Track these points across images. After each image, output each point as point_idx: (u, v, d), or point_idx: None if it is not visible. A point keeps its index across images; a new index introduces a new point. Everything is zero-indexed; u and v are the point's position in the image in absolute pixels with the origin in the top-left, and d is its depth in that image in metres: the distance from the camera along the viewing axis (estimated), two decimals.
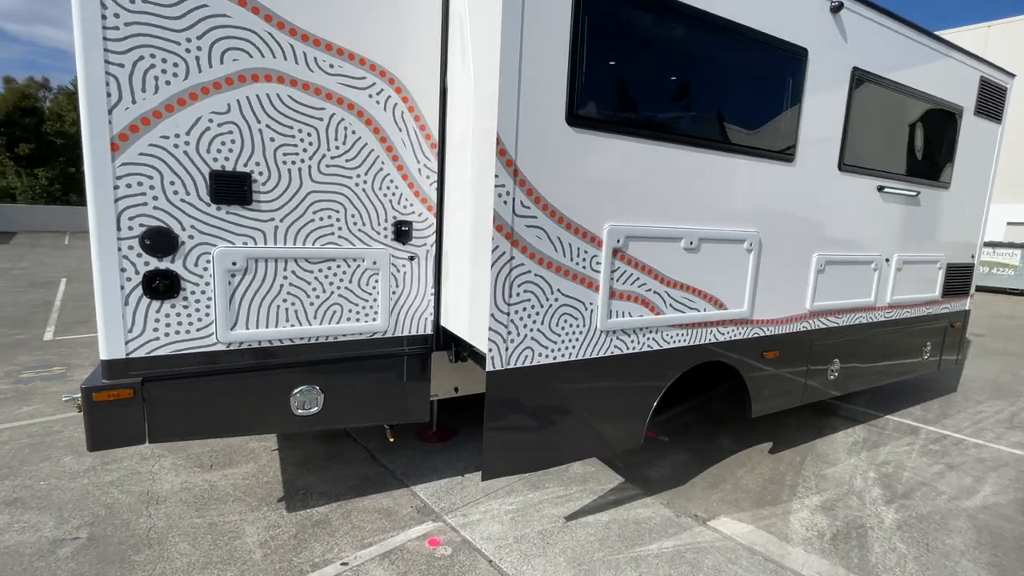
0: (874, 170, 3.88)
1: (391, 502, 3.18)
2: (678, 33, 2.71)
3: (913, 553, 2.93)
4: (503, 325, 2.41)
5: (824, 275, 3.71)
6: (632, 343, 2.86)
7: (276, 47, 2.39)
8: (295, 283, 2.61)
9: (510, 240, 2.35)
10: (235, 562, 2.58)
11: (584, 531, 2.97)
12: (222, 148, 2.35)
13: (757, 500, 3.41)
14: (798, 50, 3.18)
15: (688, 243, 2.93)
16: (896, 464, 4.01)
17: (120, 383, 2.30)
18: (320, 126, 2.54)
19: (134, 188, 2.23)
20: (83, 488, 3.16)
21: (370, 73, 2.62)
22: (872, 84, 3.68)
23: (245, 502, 3.10)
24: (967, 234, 4.93)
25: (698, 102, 2.90)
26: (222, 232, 2.41)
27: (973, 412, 5.21)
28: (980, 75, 4.53)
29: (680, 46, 2.75)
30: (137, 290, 2.29)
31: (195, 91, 2.27)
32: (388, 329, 2.89)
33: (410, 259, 2.89)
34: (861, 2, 3.45)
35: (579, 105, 2.43)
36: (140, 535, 2.75)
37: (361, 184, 2.69)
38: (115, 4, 2.08)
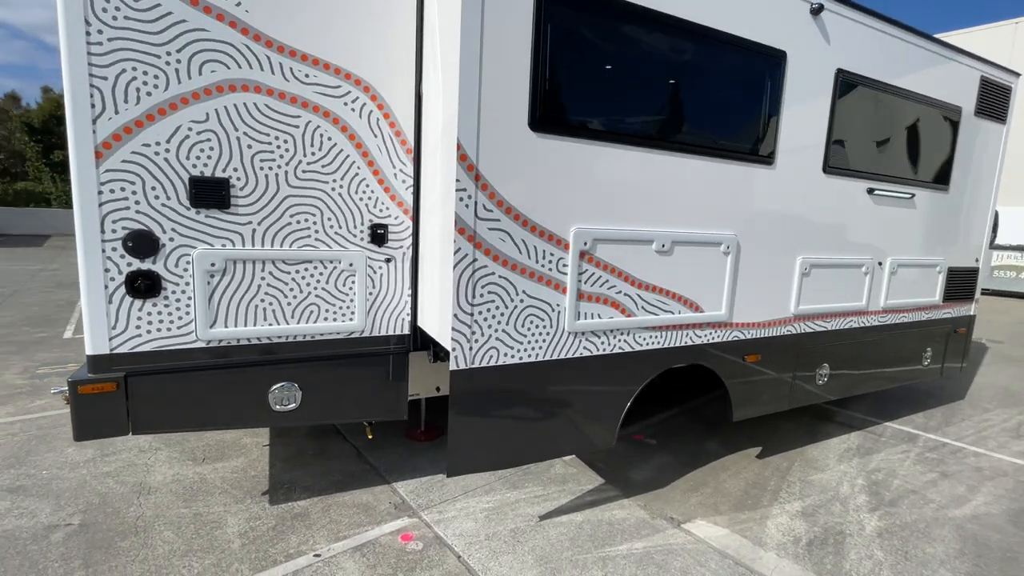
0: (864, 172, 3.83)
1: (371, 498, 3.26)
2: (644, 38, 2.75)
3: (890, 561, 2.88)
4: (467, 325, 2.47)
5: (809, 278, 3.67)
6: (603, 345, 2.89)
7: (253, 59, 2.51)
8: (273, 283, 2.72)
9: (472, 242, 2.42)
10: (214, 551, 2.69)
11: (556, 530, 3.01)
12: (201, 155, 2.48)
13: (736, 504, 3.39)
14: (775, 53, 3.17)
15: (660, 246, 2.95)
16: (887, 471, 3.93)
17: (104, 377, 2.43)
18: (296, 133, 2.65)
19: (117, 193, 2.36)
20: (81, 478, 3.33)
21: (345, 82, 2.72)
22: (859, 86, 3.64)
23: (231, 494, 3.22)
24: (970, 237, 4.81)
25: (667, 106, 2.93)
26: (201, 235, 2.53)
27: (978, 420, 5.06)
28: (980, 75, 4.43)
29: (647, 51, 2.78)
30: (120, 289, 2.42)
31: (175, 101, 2.40)
32: (365, 329, 2.97)
33: (387, 261, 2.98)
34: (844, 3, 3.43)
35: (543, 110, 2.48)
36: (129, 523, 2.89)
37: (337, 188, 2.78)
38: (98, 21, 2.22)
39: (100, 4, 2.22)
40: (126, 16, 2.25)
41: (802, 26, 3.27)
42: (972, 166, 4.59)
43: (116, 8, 2.23)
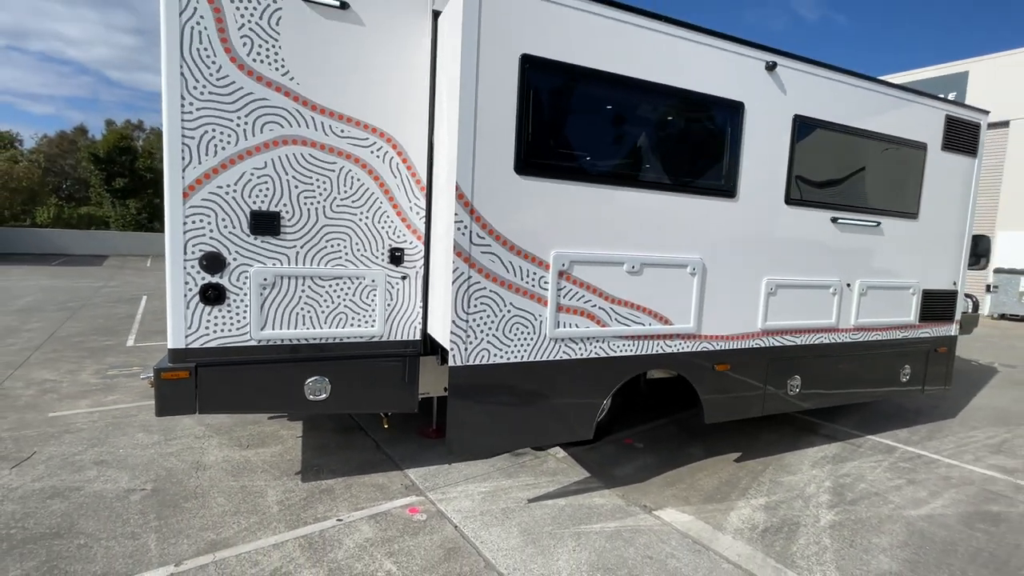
0: (827, 203, 4.29)
1: (385, 480, 3.83)
2: (613, 96, 3.35)
3: (835, 547, 3.25)
4: (463, 330, 3.06)
5: (776, 297, 4.12)
6: (580, 350, 3.42)
7: (301, 119, 3.22)
8: (311, 295, 3.37)
9: (468, 263, 3.02)
10: (256, 513, 3.30)
11: (541, 511, 3.50)
12: (259, 194, 3.18)
13: (707, 498, 3.81)
14: (734, 104, 3.72)
15: (631, 267, 3.49)
16: (856, 477, 4.26)
17: (180, 366, 3.11)
18: (332, 176, 3.34)
19: (197, 223, 3.07)
20: (150, 456, 4.02)
21: (372, 135, 3.40)
22: (818, 128, 4.14)
23: (271, 473, 3.84)
24: (944, 262, 5.13)
25: (634, 150, 3.50)
26: (258, 255, 3.22)
27: (962, 437, 5.28)
28: (945, 114, 4.84)
29: (616, 106, 3.38)
30: (196, 298, 3.11)
31: (242, 153, 3.12)
32: (384, 334, 3.59)
33: (403, 278, 3.61)
34: (798, 59, 3.96)
35: (526, 157, 3.10)
36: (190, 490, 3.54)
37: (364, 219, 3.45)
38: (191, 95, 2.97)
39: (191, 83, 2.97)
40: (210, 92, 3.00)
41: (758, 80, 3.81)
42: (942, 196, 4.96)
43: (204, 87, 2.98)
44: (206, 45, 2.97)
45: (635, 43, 3.33)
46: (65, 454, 4.00)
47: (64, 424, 4.58)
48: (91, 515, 3.19)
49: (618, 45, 3.27)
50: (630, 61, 3.31)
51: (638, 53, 3.34)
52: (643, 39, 3.34)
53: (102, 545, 2.91)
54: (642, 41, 3.34)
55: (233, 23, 3.02)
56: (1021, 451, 4.95)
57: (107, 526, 3.08)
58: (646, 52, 3.36)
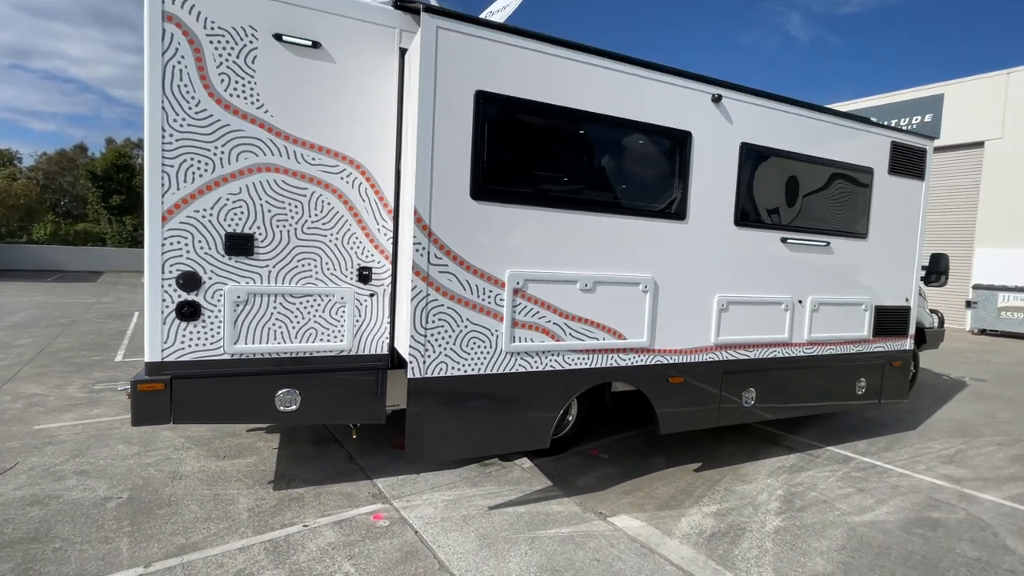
0: (776, 224, 4.55)
1: (354, 489, 4.00)
2: (564, 127, 3.62)
3: (776, 550, 3.43)
4: (421, 344, 3.27)
5: (728, 313, 4.35)
6: (535, 363, 3.63)
7: (275, 148, 3.47)
8: (282, 311, 3.59)
9: (426, 282, 3.25)
10: (226, 519, 3.47)
11: (500, 517, 3.67)
12: (234, 217, 3.42)
13: (661, 505, 3.98)
14: (682, 133, 4.00)
15: (584, 285, 3.72)
16: (809, 485, 4.44)
17: (156, 379, 3.31)
18: (304, 200, 3.58)
19: (175, 245, 3.30)
20: (129, 466, 4.19)
21: (342, 162, 3.66)
22: (764, 155, 4.42)
23: (244, 482, 4.01)
24: (895, 280, 5.38)
25: (585, 177, 3.77)
26: (232, 274, 3.44)
27: (919, 448, 5.47)
28: (891, 140, 5.14)
29: (567, 137, 3.65)
30: (172, 314, 3.33)
31: (218, 180, 3.36)
32: (352, 348, 3.80)
33: (371, 295, 3.83)
34: (745, 91, 4.25)
35: (481, 184, 3.35)
36: (164, 498, 3.70)
37: (333, 240, 3.68)
38: (171, 127, 3.22)
39: (172, 116, 3.22)
40: (189, 124, 3.25)
41: (705, 111, 4.10)
42: (891, 217, 5.23)
43: (183, 119, 3.23)
44: (186, 82, 3.24)
45: (584, 79, 3.61)
46: (47, 464, 4.16)
47: (48, 436, 4.74)
48: (68, 521, 3.35)
49: (568, 81, 3.55)
50: (580, 95, 3.59)
51: (587, 88, 3.62)
52: (592, 75, 3.62)
53: (76, 548, 3.07)
54: (591, 77, 3.63)
55: (212, 62, 3.29)
56: (973, 461, 5.14)
57: (82, 531, 3.25)
58: (595, 87, 3.65)
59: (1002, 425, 6.39)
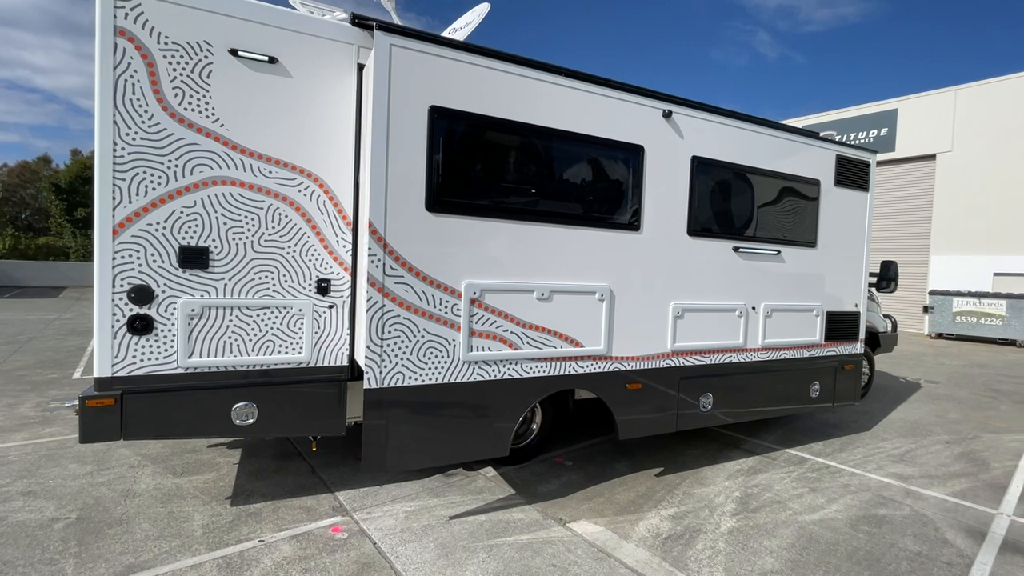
0: (727, 234, 4.73)
1: (315, 502, 3.97)
2: (517, 141, 3.72)
3: (728, 550, 3.52)
4: (377, 355, 3.30)
5: (683, 320, 4.48)
6: (493, 372, 3.69)
7: (231, 161, 3.49)
8: (239, 324, 3.57)
9: (382, 293, 3.29)
10: (179, 536, 3.41)
11: (460, 527, 3.69)
12: (189, 230, 3.41)
13: (620, 510, 4.05)
14: (635, 147, 4.15)
15: (540, 294, 3.81)
16: (764, 487, 4.57)
17: (106, 394, 3.25)
18: (261, 213, 3.59)
19: (126, 259, 3.27)
20: (80, 486, 4.07)
21: (299, 175, 3.68)
22: (716, 168, 4.60)
23: (200, 499, 3.94)
24: (844, 286, 5.62)
25: (540, 189, 3.87)
26: (186, 287, 3.42)
27: (871, 448, 5.68)
28: (836, 154, 5.40)
29: (521, 150, 3.76)
30: (123, 328, 3.29)
31: (172, 193, 3.36)
32: (311, 360, 3.79)
33: (330, 307, 3.84)
34: (695, 106, 4.44)
35: (435, 197, 3.42)
36: (116, 517, 3.62)
37: (291, 252, 3.69)
38: (123, 141, 3.21)
39: (124, 130, 3.21)
40: (142, 138, 3.25)
41: (657, 126, 4.26)
42: (839, 227, 5.48)
43: (136, 133, 3.23)
44: (139, 96, 3.24)
45: (537, 94, 3.73)
46: None
47: None
48: (11, 544, 3.25)
49: (521, 96, 3.67)
50: (532, 110, 3.71)
51: (540, 103, 3.74)
52: (543, 90, 3.75)
53: (19, 572, 2.98)
54: (543, 92, 3.75)
55: (165, 75, 3.30)
56: (921, 460, 5.36)
57: (26, 553, 3.15)
58: (547, 102, 3.77)
59: (951, 424, 6.67)
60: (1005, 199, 15.55)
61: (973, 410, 7.44)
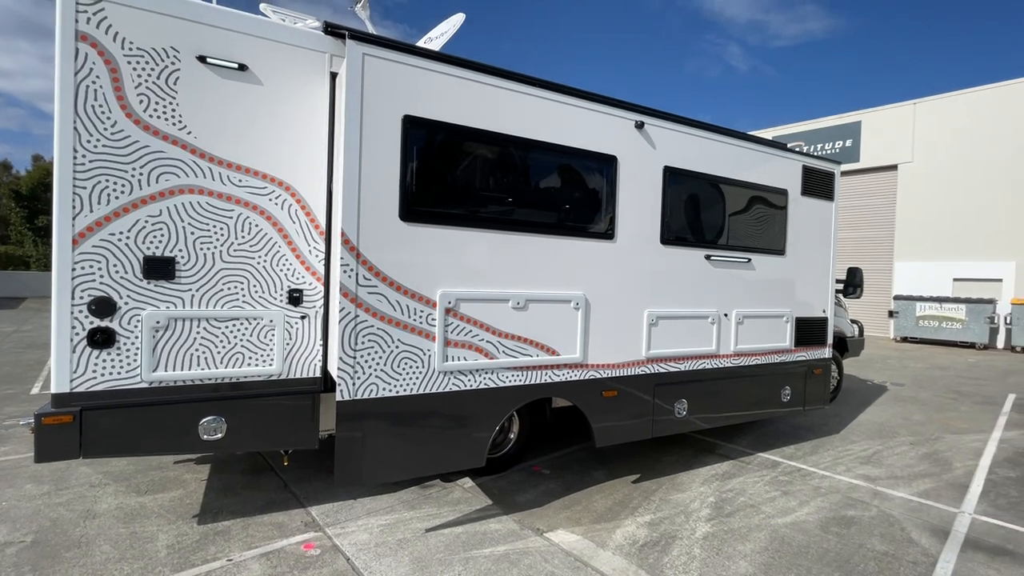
0: (700, 242, 4.82)
1: (286, 518, 3.87)
2: (491, 151, 3.74)
3: (703, 556, 3.56)
4: (350, 366, 3.25)
5: (657, 328, 4.54)
6: (469, 381, 3.67)
7: (198, 169, 3.41)
8: (206, 336, 3.48)
9: (355, 303, 3.24)
10: (143, 558, 3.28)
11: (436, 539, 3.64)
12: (154, 240, 3.31)
13: (598, 518, 4.06)
14: (607, 157, 4.21)
15: (516, 303, 3.81)
16: (738, 491, 4.64)
17: (64, 411, 3.12)
18: (230, 223, 3.51)
19: (87, 270, 3.16)
20: (36, 507, 3.89)
21: (270, 184, 3.62)
22: (687, 177, 4.69)
23: (165, 518, 3.80)
24: (812, 293, 5.79)
25: (514, 198, 3.89)
26: (150, 299, 3.32)
27: (840, 450, 5.82)
28: (802, 164, 5.57)
29: (495, 160, 3.77)
30: (83, 342, 3.16)
31: (136, 202, 3.26)
32: (282, 372, 3.71)
33: (302, 318, 3.77)
34: (666, 117, 4.53)
35: (409, 206, 3.40)
36: (74, 539, 3.46)
37: (262, 263, 3.62)
38: (83, 148, 3.11)
39: (85, 137, 3.12)
40: (104, 145, 3.15)
41: (629, 136, 4.33)
42: (806, 235, 5.64)
43: (97, 140, 3.13)
44: (101, 102, 3.15)
45: (510, 104, 3.76)
46: None
47: None
48: None
49: (494, 106, 3.69)
50: (506, 120, 3.73)
51: (513, 113, 3.77)
52: (517, 101, 3.78)
53: None
54: (517, 102, 3.78)
55: (130, 82, 3.21)
56: (887, 461, 5.52)
57: None
58: (521, 112, 3.80)
59: (916, 426, 6.89)
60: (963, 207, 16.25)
61: (936, 411, 7.70)
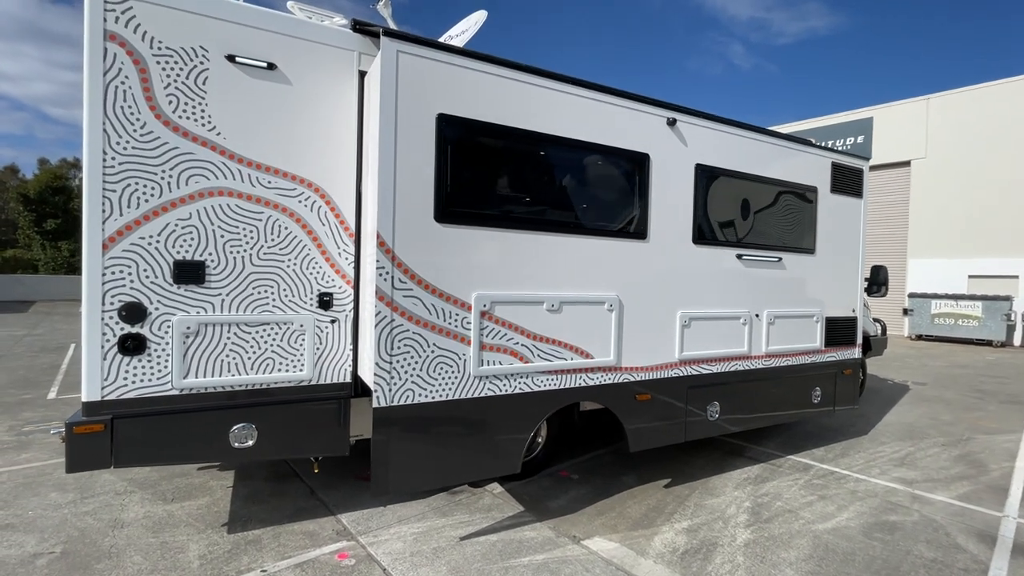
0: (731, 241, 4.72)
1: (317, 527, 3.79)
2: (526, 150, 3.65)
3: (747, 564, 3.46)
4: (386, 371, 3.17)
5: (690, 329, 4.44)
6: (504, 386, 3.58)
7: (228, 172, 3.33)
8: (236, 342, 3.40)
9: (390, 307, 3.16)
10: (176, 569, 3.20)
11: (472, 548, 3.55)
12: (184, 244, 3.24)
13: (634, 524, 3.96)
14: (640, 155, 4.11)
15: (550, 305, 3.72)
16: (774, 495, 4.54)
17: (95, 419, 3.05)
18: (260, 225, 3.44)
19: (117, 274, 3.09)
20: (63, 516, 3.82)
21: (299, 185, 3.54)
22: (719, 176, 4.59)
23: (195, 527, 3.73)
24: (842, 292, 5.67)
25: (549, 198, 3.80)
26: (181, 304, 3.25)
27: (872, 452, 5.71)
28: (831, 161, 5.46)
29: (529, 159, 3.68)
30: (114, 349, 3.09)
31: (166, 205, 3.19)
32: (313, 378, 3.64)
33: (332, 322, 3.69)
34: (697, 114, 4.43)
35: (444, 207, 3.31)
36: (104, 550, 3.39)
37: (292, 266, 3.54)
38: (112, 151, 3.04)
39: (114, 139, 3.04)
40: (134, 147, 3.08)
41: (661, 134, 4.23)
42: (835, 233, 5.53)
43: (127, 142, 3.06)
44: (130, 103, 3.08)
45: (544, 102, 3.66)
46: None
47: None
48: None
49: (528, 104, 3.60)
50: (540, 118, 3.64)
51: (547, 111, 3.68)
52: (551, 99, 3.69)
53: None
54: (550, 100, 3.69)
55: (159, 82, 3.14)
56: (922, 463, 5.40)
57: None
58: (555, 110, 3.71)
59: (944, 427, 6.76)
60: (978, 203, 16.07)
61: (963, 411, 7.57)
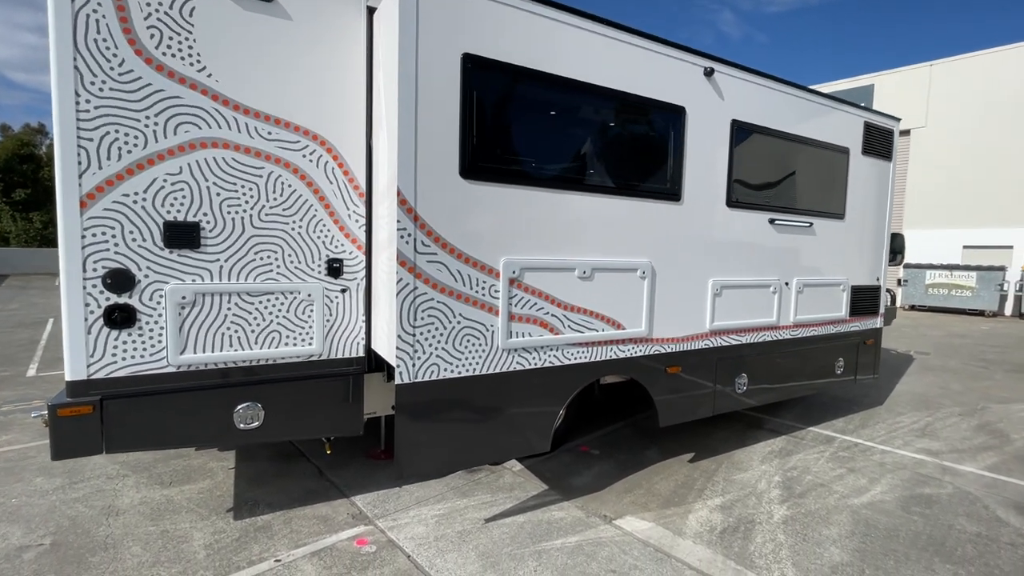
0: (764, 205, 4.43)
1: (330, 510, 3.53)
2: (558, 99, 3.28)
3: (790, 542, 3.30)
4: (410, 345, 2.86)
5: (721, 298, 4.19)
6: (534, 359, 3.30)
7: (222, 120, 2.92)
8: (238, 313, 3.05)
9: (413, 273, 2.83)
10: (180, 561, 2.93)
11: (499, 530, 3.33)
12: (175, 203, 2.84)
13: (665, 502, 3.78)
14: (676, 108, 3.76)
15: (582, 272, 3.42)
16: (802, 469, 4.39)
17: (81, 401, 2.71)
18: (260, 182, 3.05)
19: (99, 237, 2.70)
20: (51, 504, 3.51)
21: (303, 137, 3.14)
22: (754, 133, 4.27)
23: (197, 513, 3.45)
24: (868, 259, 5.46)
25: (581, 154, 3.45)
26: (174, 271, 2.88)
27: (891, 423, 5.61)
28: (864, 120, 5.16)
29: (561, 109, 3.31)
30: (99, 322, 2.73)
31: (152, 157, 2.78)
32: (323, 352, 3.31)
33: (342, 291, 3.35)
34: (734, 66, 4.07)
35: (471, 161, 2.95)
36: (98, 541, 3.09)
37: (297, 228, 3.17)
38: (87, 92, 2.61)
39: (88, 78, 2.61)
40: (111, 88, 2.65)
41: (698, 86, 3.87)
42: (864, 197, 5.28)
43: (103, 82, 2.63)
44: (105, 35, 2.63)
45: (580, 45, 3.28)
46: None
47: None
48: None
49: (563, 47, 3.21)
50: (576, 64, 3.26)
51: (583, 56, 3.29)
52: (588, 42, 3.30)
53: None
54: (587, 44, 3.30)
55: (138, 12, 2.69)
56: (943, 433, 5.31)
57: None
58: (591, 55, 3.32)
59: (957, 396, 6.71)
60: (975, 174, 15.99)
61: (971, 380, 7.54)
